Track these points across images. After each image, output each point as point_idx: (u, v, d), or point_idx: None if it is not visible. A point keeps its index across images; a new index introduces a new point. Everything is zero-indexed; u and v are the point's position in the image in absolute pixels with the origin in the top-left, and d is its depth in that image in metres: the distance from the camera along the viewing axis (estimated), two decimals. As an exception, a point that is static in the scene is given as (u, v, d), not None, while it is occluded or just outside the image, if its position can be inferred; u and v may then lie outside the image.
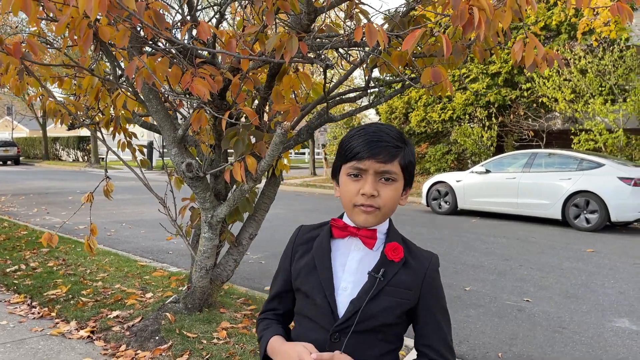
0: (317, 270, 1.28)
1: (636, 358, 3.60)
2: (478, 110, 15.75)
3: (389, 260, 1.26)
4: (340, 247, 1.30)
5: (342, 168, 1.28)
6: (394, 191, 1.24)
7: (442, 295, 1.32)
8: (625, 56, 13.51)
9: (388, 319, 1.25)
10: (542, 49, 2.35)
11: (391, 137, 1.23)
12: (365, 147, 1.21)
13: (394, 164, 1.22)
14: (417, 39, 1.87)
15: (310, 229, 1.38)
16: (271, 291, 1.43)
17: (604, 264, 6.40)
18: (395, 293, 1.25)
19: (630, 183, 8.75)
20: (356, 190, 1.23)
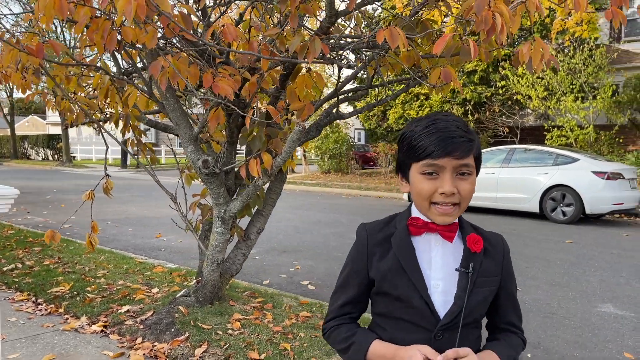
0: (405, 272, 1.24)
1: (623, 339, 3.85)
2: (455, 108, 16.11)
3: (472, 253, 1.26)
4: (420, 244, 1.27)
5: (412, 166, 1.24)
6: (471, 184, 1.22)
7: (513, 272, 1.36)
8: (595, 55, 14.03)
9: (483, 310, 1.29)
10: (547, 52, 2.54)
11: (464, 132, 1.20)
12: (439, 145, 1.18)
13: (470, 157, 1.20)
14: (446, 42, 2.02)
15: (379, 228, 1.33)
16: (340, 298, 1.36)
17: (584, 254, 6.72)
18: (486, 283, 1.26)
19: (603, 177, 9.15)
20: (433, 189, 1.20)
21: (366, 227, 1.35)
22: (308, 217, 9.75)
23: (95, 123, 3.50)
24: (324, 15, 2.62)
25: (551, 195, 9.57)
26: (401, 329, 1.27)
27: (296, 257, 6.44)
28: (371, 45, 2.67)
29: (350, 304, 1.35)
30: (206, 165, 3.23)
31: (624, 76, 15.19)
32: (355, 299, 1.35)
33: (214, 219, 3.55)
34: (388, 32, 2.37)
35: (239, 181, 3.82)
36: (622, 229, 8.91)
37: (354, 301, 1.35)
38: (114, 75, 3.47)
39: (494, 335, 1.38)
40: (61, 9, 2.31)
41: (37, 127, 50.05)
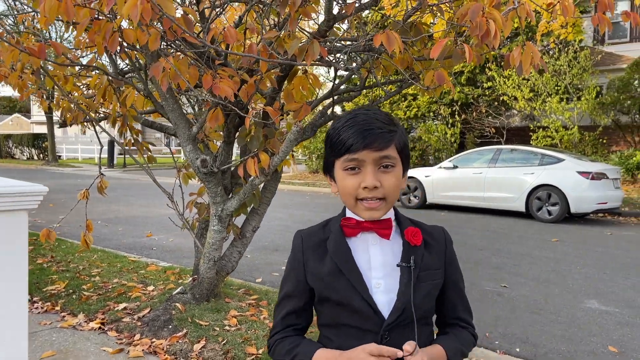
0: (343, 275, 1.20)
1: (607, 333, 3.98)
2: (442, 108, 16.29)
3: (412, 247, 1.23)
4: (357, 245, 1.24)
5: (335, 163, 1.22)
6: (395, 177, 1.19)
7: (458, 264, 1.33)
8: (579, 57, 14.28)
9: (429, 304, 1.25)
10: (537, 56, 2.64)
11: (382, 123, 1.18)
12: (358, 137, 1.15)
13: (391, 148, 1.18)
14: (443, 47, 2.12)
15: (313, 233, 1.31)
16: (283, 310, 1.31)
17: (569, 252, 6.89)
18: (428, 277, 1.23)
19: (588, 177, 9.35)
20: (357, 184, 1.17)
21: (301, 234, 1.32)
22: (298, 217, 9.82)
23: (94, 122, 3.54)
24: (322, 19, 2.70)
25: (537, 194, 9.75)
26: (347, 336, 1.22)
27: (288, 256, 6.50)
28: (367, 48, 2.75)
29: (294, 315, 1.30)
30: (204, 164, 3.29)
31: (607, 78, 15.48)
32: (298, 309, 1.30)
33: (211, 217, 3.61)
34: (385, 36, 2.45)
35: (235, 180, 3.89)
36: (606, 228, 9.11)
37: (297, 311, 1.30)
38: (112, 75, 3.52)
39: (443, 330, 1.35)
40: (67, 11, 2.36)
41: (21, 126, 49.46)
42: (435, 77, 2.86)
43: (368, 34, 2.75)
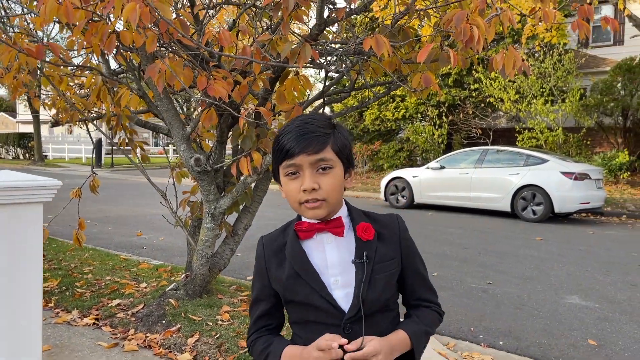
0: (301, 277, 1.26)
1: (587, 327, 4.13)
2: (429, 110, 16.48)
3: (364, 242, 1.26)
4: (313, 247, 1.29)
5: (279, 169, 1.26)
6: (333, 178, 1.22)
7: (416, 248, 1.36)
8: (564, 60, 14.54)
9: (388, 294, 1.28)
10: (519, 59, 2.77)
11: (317, 127, 1.22)
12: (293, 142, 1.20)
13: (327, 150, 1.21)
14: (430, 51, 2.23)
15: (274, 238, 1.35)
16: (255, 312, 1.38)
17: (552, 251, 7.06)
18: (384, 268, 1.27)
19: (571, 177, 9.55)
20: (297, 188, 1.21)
21: (263, 240, 1.37)
22: (287, 216, 9.80)
23: (90, 121, 3.61)
24: (313, 23, 2.80)
25: (522, 194, 9.94)
26: (312, 331, 1.26)
27: (278, 254, 6.60)
28: (357, 51, 2.86)
29: (265, 317, 1.37)
30: (198, 163, 3.38)
31: (591, 80, 15.77)
32: (268, 311, 1.36)
33: (204, 215, 3.69)
34: (374, 41, 2.56)
35: (227, 179, 3.97)
36: (589, 227, 9.32)
37: (267, 314, 1.36)
38: (106, 76, 3.59)
39: (407, 312, 1.39)
40: (67, 13, 2.44)
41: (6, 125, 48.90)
42: (422, 80, 2.98)
43: (358, 37, 2.86)
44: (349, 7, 2.68)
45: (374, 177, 17.88)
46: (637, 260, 6.50)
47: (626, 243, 7.76)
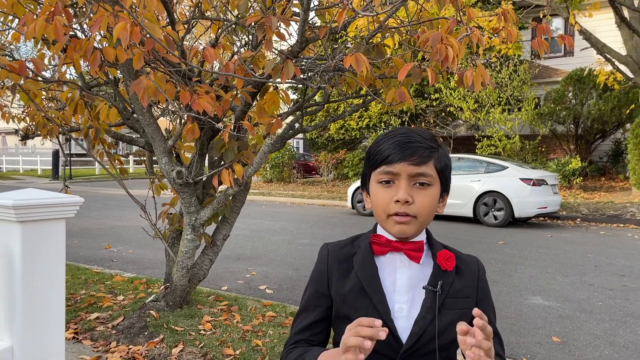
0: (366, 294, 1.15)
1: (551, 326, 4.38)
2: (392, 119, 16.85)
3: (442, 271, 1.16)
4: (385, 264, 1.18)
5: (371, 175, 1.18)
6: (430, 197, 1.13)
7: (491, 296, 1.25)
8: (519, 70, 15.17)
9: (453, 335, 1.10)
10: (487, 76, 2.97)
11: (423, 138, 1.14)
12: (395, 149, 1.11)
13: (429, 165, 1.12)
14: (408, 71, 2.39)
15: (341, 247, 1.25)
16: (301, 323, 1.24)
17: (514, 254, 7.38)
18: (456, 304, 1.15)
19: (529, 183, 9.98)
20: (389, 198, 1.12)
21: (328, 246, 1.27)
22: (256, 226, 9.96)
23: (68, 135, 3.62)
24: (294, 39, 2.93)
25: (484, 200, 10.31)
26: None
27: (250, 264, 6.66)
28: (337, 68, 3.01)
29: (310, 330, 1.23)
30: (180, 175, 3.44)
31: (544, 90, 16.47)
32: (315, 324, 1.23)
33: (185, 227, 3.75)
34: (354, 58, 2.71)
35: (206, 191, 4.04)
36: (546, 231, 9.75)
37: (314, 326, 1.23)
38: (85, 90, 3.62)
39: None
40: (57, 31, 2.49)
41: (-45, 136, 46.89)
42: (397, 95, 3.15)
43: (337, 54, 3.00)
44: (329, 27, 2.82)
45: (339, 185, 18.11)
46: (593, 262, 6.87)
47: (581, 245, 8.17)
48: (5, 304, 1.60)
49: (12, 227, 1.55)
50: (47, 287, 1.67)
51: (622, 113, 14.69)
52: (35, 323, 1.62)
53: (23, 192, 1.67)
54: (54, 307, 1.71)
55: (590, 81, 14.97)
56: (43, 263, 1.64)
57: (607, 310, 4.78)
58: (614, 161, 16.66)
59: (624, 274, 6.14)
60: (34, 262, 1.60)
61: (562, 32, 17.60)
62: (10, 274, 1.57)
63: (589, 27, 12.48)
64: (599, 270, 6.37)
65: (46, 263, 1.66)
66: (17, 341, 1.57)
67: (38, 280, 1.62)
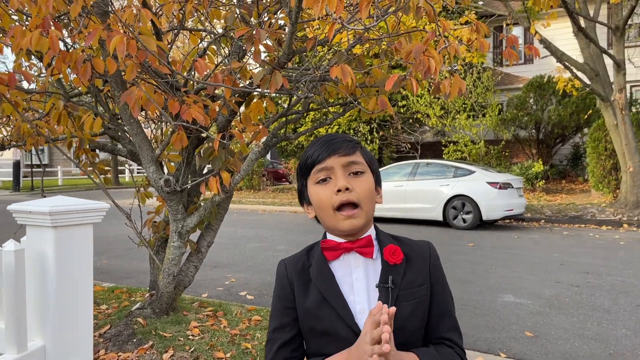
0: (328, 302, 1.16)
1: (523, 321, 4.60)
2: (361, 126, 17.10)
3: (391, 265, 1.17)
4: (339, 269, 1.19)
5: (308, 182, 1.21)
6: (367, 183, 1.17)
7: (446, 280, 1.26)
8: (483, 77, 15.66)
9: (415, 324, 1.17)
10: (463, 85, 3.15)
11: (345, 136, 1.21)
12: (322, 147, 1.17)
13: (357, 154, 1.19)
14: (394, 81, 2.54)
15: (297, 260, 1.26)
16: (275, 343, 1.22)
17: (484, 255, 7.64)
18: (410, 295, 1.17)
19: (496, 187, 10.33)
20: (330, 192, 1.15)
21: (285, 262, 1.27)
22: (231, 234, 9.98)
23: (54, 145, 3.63)
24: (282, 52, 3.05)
25: (452, 204, 10.61)
26: None
27: (229, 271, 6.71)
28: (323, 78, 3.14)
29: (288, 347, 1.22)
30: (168, 184, 3.51)
31: (507, 96, 17.04)
32: (292, 340, 1.22)
33: (171, 234, 3.80)
34: (340, 69, 2.84)
35: (190, 198, 4.11)
36: (513, 232, 10.10)
37: (291, 342, 1.22)
38: (70, 100, 3.64)
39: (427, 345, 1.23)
40: (52, 44, 2.54)
41: None
42: (378, 103, 3.31)
43: (321, 65, 3.14)
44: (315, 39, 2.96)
45: (309, 192, 18.22)
46: (558, 260, 7.19)
47: (547, 245, 8.52)
48: (37, 306, 1.67)
49: (46, 233, 1.63)
50: (77, 289, 1.74)
51: (580, 118, 15.34)
52: (66, 323, 1.69)
53: (54, 199, 1.74)
54: (83, 307, 1.78)
55: (550, 88, 15.59)
56: (74, 266, 1.71)
57: (575, 305, 5.04)
58: (574, 164, 17.35)
59: (588, 271, 6.46)
60: (66, 265, 1.67)
61: (522, 40, 18.29)
62: (43, 277, 1.64)
63: (548, 35, 13.01)
64: (565, 268, 6.68)
65: (77, 266, 1.73)
66: (49, 341, 1.63)
67: (69, 282, 1.69)
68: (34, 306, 1.67)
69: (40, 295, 1.66)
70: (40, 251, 1.64)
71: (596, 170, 12.97)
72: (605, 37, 15.72)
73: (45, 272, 1.64)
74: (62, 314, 1.69)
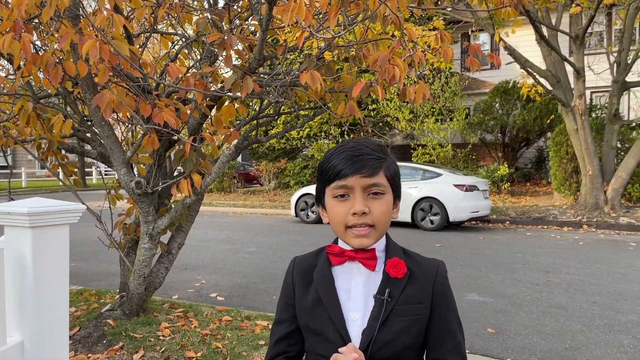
0: (323, 304, 1.19)
1: (486, 319, 4.77)
2: (332, 128, 17.26)
3: (392, 278, 1.17)
4: (341, 274, 1.21)
5: (326, 191, 1.21)
6: (385, 204, 1.17)
7: (453, 303, 1.24)
8: (450, 82, 16.01)
9: (406, 341, 1.16)
10: (427, 91, 3.29)
11: (371, 149, 1.18)
12: (346, 163, 1.15)
13: (380, 175, 1.16)
14: (361, 88, 2.66)
15: (306, 259, 1.29)
16: (275, 335, 1.29)
17: (451, 255, 7.85)
18: (407, 311, 1.16)
19: (462, 189, 10.60)
20: (346, 211, 1.15)
21: (295, 259, 1.32)
22: (201, 236, 9.97)
23: (23, 147, 3.62)
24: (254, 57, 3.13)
25: (421, 206, 10.84)
26: None
27: (199, 273, 6.73)
28: (293, 84, 3.24)
29: (285, 341, 1.27)
30: (139, 186, 3.54)
31: (474, 101, 17.44)
32: (291, 334, 1.27)
33: (142, 236, 3.84)
34: (309, 76, 2.95)
35: (161, 200, 4.14)
36: (479, 233, 10.37)
37: (288, 337, 1.27)
38: (39, 102, 3.64)
39: None
40: (25, 48, 2.57)
41: None
42: (347, 108, 3.42)
43: (291, 70, 3.23)
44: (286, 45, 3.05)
45: (280, 194, 18.29)
46: (521, 260, 7.44)
47: (511, 245, 8.79)
48: (17, 303, 1.71)
49: (25, 233, 1.67)
50: (54, 287, 1.79)
51: (544, 123, 15.83)
52: (44, 320, 1.73)
53: (31, 200, 1.78)
54: (60, 305, 1.82)
55: (514, 93, 16.03)
56: (51, 264, 1.76)
57: (535, 302, 5.25)
58: (538, 167, 17.87)
59: (548, 270, 6.72)
60: (43, 264, 1.71)
61: (489, 46, 18.76)
62: (21, 275, 1.68)
63: (513, 42, 13.41)
64: (527, 267, 6.93)
65: (54, 264, 1.78)
66: (27, 336, 1.68)
67: (47, 280, 1.74)
68: (12, 303, 1.72)
69: (18, 292, 1.71)
70: (18, 250, 1.68)
71: (558, 173, 13.42)
72: (567, 44, 16.27)
73: (24, 270, 1.69)
74: (40, 311, 1.74)
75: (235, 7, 3.47)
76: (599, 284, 5.96)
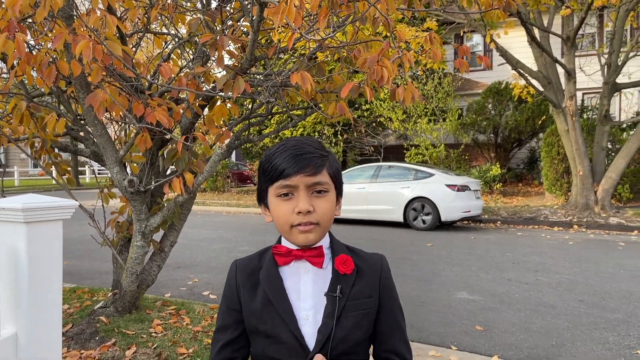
0: (272, 305, 1.18)
1: (475, 317, 4.84)
2: (326, 128, 17.32)
3: (341, 275, 1.19)
4: (288, 274, 1.21)
5: (269, 190, 1.20)
6: (329, 202, 1.18)
7: (396, 293, 1.28)
8: (443, 83, 16.11)
9: (358, 336, 1.19)
10: (416, 92, 3.35)
11: (314, 148, 1.18)
12: (290, 162, 1.14)
13: (323, 174, 1.17)
14: (350, 89, 2.71)
15: (249, 262, 1.28)
16: (219, 342, 1.25)
17: (442, 255, 7.93)
18: (357, 306, 1.19)
19: (454, 189, 10.68)
20: (290, 210, 1.15)
21: (236, 263, 1.29)
22: (194, 235, 10.00)
23: (16, 145, 3.66)
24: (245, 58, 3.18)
25: (413, 206, 10.91)
26: None
27: (191, 272, 6.77)
28: (284, 84, 3.29)
29: (230, 347, 1.25)
30: (132, 184, 3.58)
31: (467, 101, 17.55)
32: (234, 340, 1.24)
33: (135, 234, 3.87)
34: (299, 76, 2.99)
35: (154, 199, 4.18)
36: (470, 233, 10.46)
37: (233, 342, 1.24)
38: (33, 100, 3.68)
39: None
40: (19, 48, 2.60)
41: None
42: (337, 108, 3.48)
43: (283, 71, 3.28)
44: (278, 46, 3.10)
45: (273, 194, 18.30)
46: (511, 259, 7.53)
47: (501, 245, 8.88)
48: (10, 296, 1.75)
49: (19, 228, 1.72)
50: (48, 281, 1.83)
51: (536, 123, 15.96)
52: (37, 313, 1.77)
53: (26, 196, 1.82)
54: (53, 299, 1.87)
55: (507, 93, 16.15)
56: (45, 259, 1.80)
57: (523, 301, 5.33)
58: (530, 168, 18.00)
59: (537, 270, 6.80)
60: (38, 259, 1.76)
61: (481, 47, 18.88)
62: (16, 269, 1.73)
63: (504, 43, 13.51)
64: (516, 267, 7.01)
65: (48, 259, 1.82)
66: (21, 329, 1.72)
67: (41, 274, 1.78)
68: (6, 296, 1.76)
69: (13, 286, 1.75)
70: (13, 246, 1.73)
71: (549, 173, 13.54)
72: (559, 46, 16.41)
73: (18, 265, 1.73)
74: (34, 304, 1.78)
75: (227, 8, 3.51)
76: (587, 283, 6.05)
